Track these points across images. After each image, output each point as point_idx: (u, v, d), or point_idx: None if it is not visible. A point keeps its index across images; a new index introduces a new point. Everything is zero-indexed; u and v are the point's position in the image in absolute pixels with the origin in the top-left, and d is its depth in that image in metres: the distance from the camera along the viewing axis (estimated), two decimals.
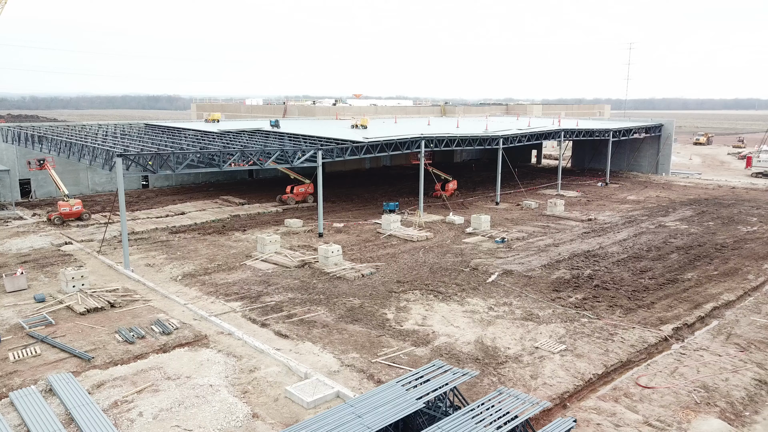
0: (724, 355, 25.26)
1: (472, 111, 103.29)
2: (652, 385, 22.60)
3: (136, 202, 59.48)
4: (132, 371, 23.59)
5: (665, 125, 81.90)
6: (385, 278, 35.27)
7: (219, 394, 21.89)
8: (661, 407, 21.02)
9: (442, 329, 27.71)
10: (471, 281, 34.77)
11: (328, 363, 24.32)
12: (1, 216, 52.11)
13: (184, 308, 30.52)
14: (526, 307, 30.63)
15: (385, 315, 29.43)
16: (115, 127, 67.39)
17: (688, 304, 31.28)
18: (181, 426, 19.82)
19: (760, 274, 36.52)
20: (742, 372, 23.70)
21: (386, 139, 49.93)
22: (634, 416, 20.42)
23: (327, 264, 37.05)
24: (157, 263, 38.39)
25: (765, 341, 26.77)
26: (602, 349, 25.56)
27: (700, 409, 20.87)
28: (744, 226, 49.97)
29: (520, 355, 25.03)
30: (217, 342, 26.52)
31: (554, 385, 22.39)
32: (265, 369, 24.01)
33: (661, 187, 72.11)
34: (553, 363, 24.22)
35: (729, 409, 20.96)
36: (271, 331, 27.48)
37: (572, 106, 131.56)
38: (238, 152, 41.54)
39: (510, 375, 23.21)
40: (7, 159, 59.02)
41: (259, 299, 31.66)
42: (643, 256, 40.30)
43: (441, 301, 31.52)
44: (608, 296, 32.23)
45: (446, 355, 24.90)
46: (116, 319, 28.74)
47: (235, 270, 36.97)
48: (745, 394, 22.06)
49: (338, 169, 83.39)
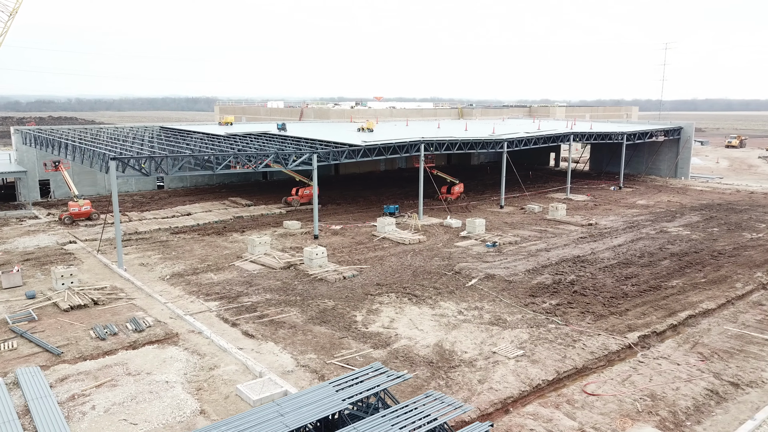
0: (683, 364, 25.01)
1: (490, 113, 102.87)
2: (599, 393, 22.60)
3: (148, 203, 61.31)
4: (97, 366, 24.68)
5: (684, 128, 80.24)
6: (366, 281, 35.79)
7: (173, 390, 22.77)
8: (600, 415, 21.03)
9: (406, 332, 28.10)
10: (450, 285, 35.02)
11: (285, 363, 24.99)
12: (17, 215, 54.47)
13: (163, 307, 31.62)
14: (497, 311, 30.76)
15: (355, 317, 29.96)
16: (130, 129, 69.55)
17: (663, 311, 30.94)
18: (128, 420, 20.74)
19: (749, 283, 35.78)
20: (695, 381, 23.47)
21: (384, 143, 50.44)
22: (570, 423, 20.50)
23: (311, 266, 37.77)
24: (150, 263, 39.71)
25: (730, 351, 26.38)
26: (560, 356, 25.58)
27: (640, 418, 20.81)
28: (750, 233, 48.83)
29: (475, 359, 25.25)
30: (186, 340, 27.46)
31: (500, 390, 22.57)
32: (224, 367, 24.82)
33: (676, 192, 70.73)
34: (506, 368, 24.38)
35: (670, 419, 20.84)
36: (240, 331, 28.30)
37: (597, 108, 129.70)
38: (231, 156, 42.61)
39: (458, 379, 23.48)
40: (27, 161, 61.54)
41: (236, 299, 32.55)
42: (633, 262, 39.86)
43: (414, 304, 31.88)
44: (583, 302, 32.10)
45: (401, 358, 25.30)
46: (96, 316, 29.98)
47: (223, 270, 37.99)
48: (692, 403, 21.87)
49: (352, 171, 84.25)
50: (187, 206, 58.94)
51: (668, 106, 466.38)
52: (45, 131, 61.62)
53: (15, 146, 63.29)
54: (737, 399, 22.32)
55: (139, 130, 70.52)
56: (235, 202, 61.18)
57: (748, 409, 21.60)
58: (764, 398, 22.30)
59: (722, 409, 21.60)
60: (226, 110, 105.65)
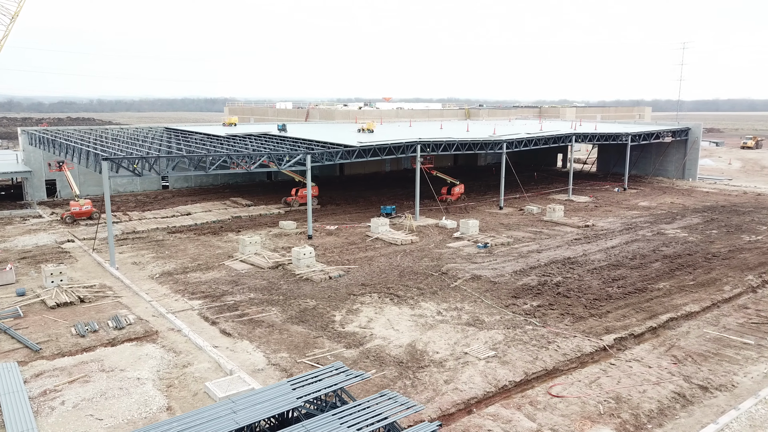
0: (655, 367, 24.86)
1: (498, 114, 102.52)
2: (564, 394, 22.57)
3: (151, 203, 62.16)
4: (74, 363, 25.19)
5: (692, 129, 79.34)
6: (352, 281, 36.00)
7: (143, 387, 23.18)
8: (561, 416, 21.02)
9: (382, 332, 28.26)
10: (434, 286, 35.10)
11: (257, 361, 25.29)
12: (22, 214, 55.58)
13: (147, 305, 32.13)
14: (476, 312, 30.79)
15: (333, 317, 30.19)
16: (134, 130, 70.57)
17: (644, 314, 30.73)
18: (94, 415, 21.18)
19: (738, 286, 35.36)
20: (664, 384, 23.32)
21: (379, 143, 50.63)
22: (529, 424, 20.52)
23: (299, 266, 38.08)
24: (143, 261, 40.32)
25: (705, 354, 26.16)
26: (532, 357, 25.57)
27: (600, 420, 20.76)
28: (749, 235, 48.18)
29: (446, 360, 25.33)
30: (165, 338, 27.90)
31: (464, 391, 22.65)
32: (197, 365, 25.19)
33: (681, 193, 69.95)
34: (475, 369, 24.43)
35: (631, 421, 20.76)
36: (218, 330, 28.68)
37: (609, 109, 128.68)
38: (224, 156, 43.10)
39: (425, 379, 23.59)
40: (34, 161, 62.73)
41: (220, 298, 32.96)
42: (623, 264, 39.59)
43: (395, 304, 32.03)
44: (565, 304, 31.99)
45: (372, 358, 25.48)
46: (81, 314, 30.57)
47: (212, 270, 38.46)
48: (656, 406, 21.75)
49: (357, 172, 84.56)
50: (188, 206, 59.64)
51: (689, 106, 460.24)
52: (49, 132, 62.76)
53: (22, 147, 64.56)
54: (704, 402, 22.15)
55: (143, 130, 71.51)
56: (235, 202, 61.78)
57: (713, 412, 21.43)
58: (732, 402, 22.11)
59: (687, 413, 21.46)
60: (236, 111, 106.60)
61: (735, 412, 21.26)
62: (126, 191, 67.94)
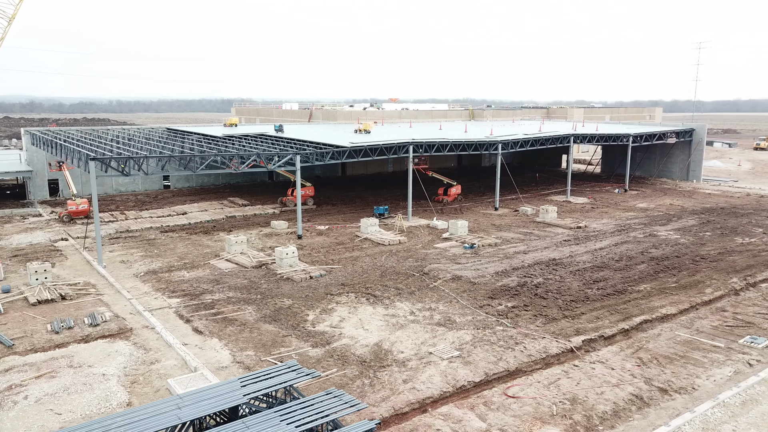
0: (617, 369, 24.75)
1: (502, 115, 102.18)
2: (520, 395, 22.58)
3: (151, 202, 62.96)
4: (45, 358, 25.71)
5: (696, 130, 78.44)
6: (332, 281, 36.24)
7: (107, 383, 23.61)
8: (513, 417, 21.05)
9: (352, 332, 28.45)
10: (413, 286, 35.21)
11: (222, 359, 25.62)
12: (22, 212, 56.64)
13: (127, 303, 32.64)
14: (449, 312, 30.85)
15: (307, 316, 30.44)
16: (136, 130, 71.52)
17: (619, 316, 30.58)
18: (54, 410, 21.64)
19: (720, 288, 35.00)
20: (623, 386, 23.23)
21: (370, 144, 50.82)
22: (479, 424, 20.58)
23: (282, 265, 38.40)
24: (131, 260, 40.92)
25: (671, 357, 25.98)
26: (496, 358, 25.59)
27: (551, 421, 20.75)
28: (743, 237, 47.61)
29: (409, 359, 25.45)
30: (138, 335, 28.35)
31: (421, 391, 22.75)
32: (164, 362, 25.59)
33: (682, 195, 69.22)
34: (436, 369, 24.52)
35: (583, 422, 20.73)
36: (191, 327, 29.08)
37: (618, 110, 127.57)
38: (212, 156, 43.58)
39: (385, 378, 23.74)
40: (36, 161, 63.86)
41: (199, 297, 33.38)
42: (608, 266, 39.36)
43: (370, 304, 32.19)
44: (540, 305, 31.92)
45: (336, 357, 25.68)
46: (60, 311, 31.14)
47: (197, 268, 38.92)
48: (611, 408, 21.68)
49: (360, 173, 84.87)
50: (185, 206, 60.33)
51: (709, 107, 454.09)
52: (50, 133, 63.84)
53: (25, 147, 65.78)
54: (661, 405, 22.04)
55: (144, 131, 72.42)
56: (233, 202, 62.36)
57: (668, 415, 21.32)
58: (689, 405, 21.97)
59: (641, 415, 21.37)
60: (243, 112, 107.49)
61: (690, 415, 21.13)
62: (128, 191, 68.89)
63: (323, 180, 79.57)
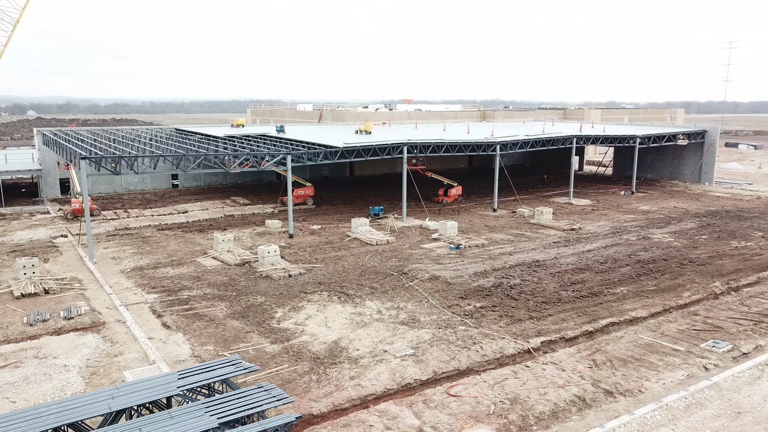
0: (568, 371, 24.71)
1: (514, 116, 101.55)
2: (462, 394, 22.74)
3: (156, 201, 64.41)
4: (15, 349, 26.75)
5: (709, 131, 76.95)
6: (310, 279, 36.75)
7: (68, 373, 24.49)
8: (449, 415, 21.23)
9: (314, 329, 28.90)
10: (388, 285, 35.52)
11: (181, 353, 26.32)
12: (31, 210, 58.55)
13: (107, 297, 33.66)
14: (416, 312, 31.09)
15: (275, 313, 31.01)
16: (145, 131, 73.22)
17: (586, 317, 30.43)
18: (10, 398, 22.55)
19: (699, 292, 34.50)
20: (568, 387, 23.20)
21: (363, 145, 51.24)
22: (412, 421, 20.82)
23: (263, 263, 39.07)
24: (122, 257, 42.07)
25: (627, 359, 25.81)
26: (449, 357, 25.77)
27: (485, 420, 20.89)
28: (739, 241, 46.70)
29: (362, 357, 25.79)
30: (109, 329, 29.25)
31: (365, 387, 23.08)
32: (127, 355, 26.40)
33: (690, 198, 68.00)
34: (387, 367, 24.81)
35: (517, 422, 20.81)
36: (160, 322, 29.87)
37: (638, 111, 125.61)
38: (202, 156, 44.52)
39: (333, 375, 24.13)
40: (49, 160, 65.92)
41: (177, 293, 34.21)
42: (591, 268, 39.08)
43: (340, 302, 32.61)
44: (509, 306, 31.93)
45: (291, 353, 26.16)
46: (41, 304, 32.28)
47: (183, 265, 39.83)
48: (550, 408, 21.71)
49: (368, 173, 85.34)
50: (188, 205, 61.58)
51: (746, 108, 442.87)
52: (60, 133, 65.79)
53: (37, 146, 67.93)
54: (602, 407, 21.97)
55: (152, 131, 74.06)
56: (235, 201, 63.43)
57: (606, 416, 21.26)
58: (630, 407, 21.86)
59: (580, 416, 21.35)
60: (258, 113, 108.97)
61: (627, 417, 21.04)
62: (136, 190, 70.58)
63: (330, 180, 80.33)
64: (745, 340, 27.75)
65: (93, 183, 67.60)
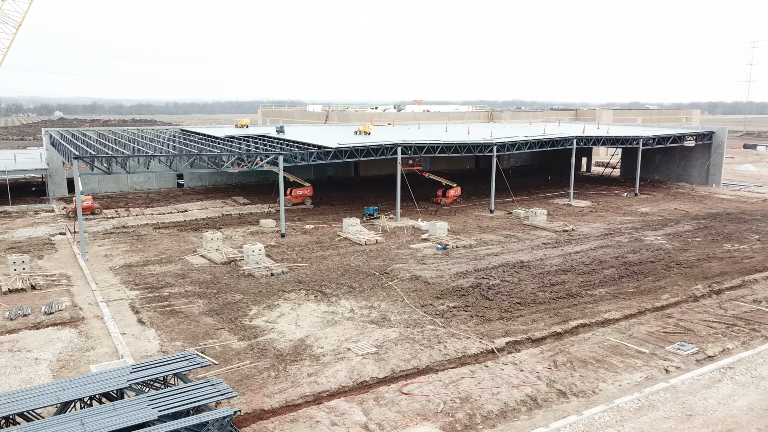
0: (526, 371, 24.78)
1: (521, 117, 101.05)
2: (415, 393, 22.97)
3: (159, 200, 65.55)
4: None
5: (717, 132, 75.86)
6: (291, 278, 37.23)
7: (37, 366, 25.26)
8: (396, 413, 21.49)
9: (284, 327, 29.34)
10: (366, 284, 35.83)
11: (150, 348, 26.95)
12: (36, 208, 60.02)
13: (91, 293, 34.51)
14: (389, 311, 31.36)
15: (249, 311, 31.52)
16: (150, 131, 74.52)
17: (557, 319, 30.42)
18: None
19: (678, 294, 34.22)
20: (522, 388, 23.30)
21: (356, 145, 51.63)
22: (359, 418, 21.12)
23: (248, 262, 39.65)
24: (114, 254, 43.01)
25: (588, 361, 25.79)
26: (411, 356, 26.01)
27: (431, 418, 21.10)
28: (733, 244, 46.10)
29: (325, 354, 26.16)
30: (86, 324, 30.03)
31: (321, 384, 23.44)
32: (98, 350, 27.11)
33: (693, 200, 67.13)
34: (347, 364, 25.13)
35: (464, 420, 20.99)
36: (136, 318, 30.57)
37: (651, 112, 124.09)
38: (195, 156, 45.30)
39: (292, 372, 24.53)
40: (56, 159, 67.40)
41: (159, 290, 34.93)
42: (574, 270, 38.95)
43: (315, 301, 33.02)
44: (482, 306, 32.04)
45: (256, 350, 26.63)
46: (27, 299, 33.23)
47: (170, 263, 40.60)
48: (499, 408, 21.84)
49: (373, 173, 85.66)
50: (189, 204, 62.55)
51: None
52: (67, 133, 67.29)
53: (45, 146, 69.53)
54: (552, 407, 22.04)
55: (156, 132, 75.33)
56: (235, 200, 64.27)
57: (554, 416, 21.34)
58: (580, 408, 21.89)
59: (528, 416, 21.45)
60: (268, 113, 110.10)
61: (575, 417, 21.09)
62: (142, 189, 71.85)
63: (335, 180, 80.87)
64: (714, 343, 27.52)
65: (100, 182, 69.07)
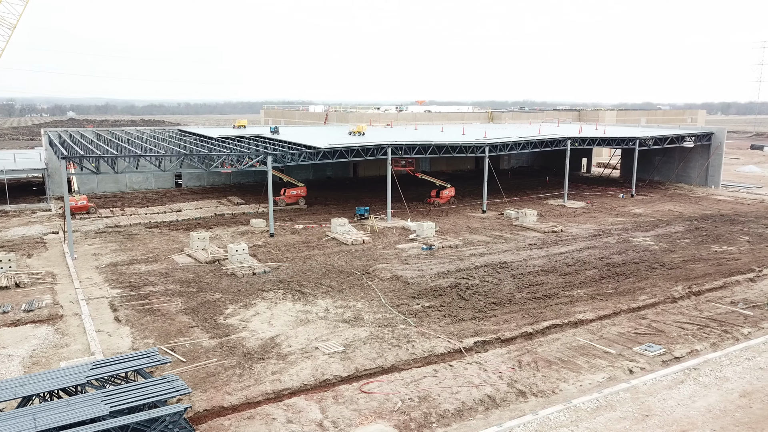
0: (489, 371, 24.90)
1: (522, 117, 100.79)
2: (375, 391, 23.16)
3: (156, 199, 66.19)
4: None
5: (716, 133, 75.34)
6: (273, 278, 37.53)
7: (10, 363, 25.73)
8: (353, 411, 21.69)
9: (257, 326, 29.64)
10: (346, 284, 36.06)
11: (122, 346, 27.34)
12: (33, 207, 60.85)
13: (73, 291, 35.01)
14: (363, 310, 31.56)
15: (225, 310, 31.85)
16: (149, 132, 75.26)
17: (530, 319, 30.48)
18: None
19: (657, 296, 34.15)
20: (483, 387, 23.42)
21: (346, 146, 51.89)
22: (315, 416, 21.36)
23: (232, 261, 40.02)
24: (103, 253, 43.56)
25: (552, 361, 25.85)
26: (377, 355, 26.20)
27: (387, 416, 21.28)
28: (721, 245, 45.84)
29: (292, 353, 26.42)
30: (64, 322, 30.50)
31: (283, 382, 23.70)
32: (72, 347, 27.55)
33: (690, 201, 66.72)
34: (312, 363, 25.37)
35: (419, 419, 21.15)
36: (113, 316, 31.00)
37: (656, 113, 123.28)
38: (183, 155, 45.76)
39: (257, 370, 24.81)
40: (55, 159, 68.21)
41: (140, 288, 35.37)
42: (555, 270, 38.95)
43: (292, 300, 33.30)
44: (457, 306, 32.16)
45: (225, 348, 26.94)
46: (9, 297, 33.78)
47: (156, 262, 41.07)
48: (456, 407, 21.98)
49: (372, 174, 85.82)
50: (184, 203, 63.12)
51: None
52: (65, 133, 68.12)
53: (44, 146, 70.43)
54: (510, 407, 22.14)
55: (155, 132, 76.03)
56: (230, 200, 64.77)
57: (510, 416, 21.44)
58: (537, 407, 21.98)
59: (484, 415, 21.58)
60: (270, 114, 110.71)
61: (530, 417, 21.18)
62: (140, 189, 72.58)
63: (333, 181, 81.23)
64: (682, 345, 27.48)
65: (99, 182, 69.91)
